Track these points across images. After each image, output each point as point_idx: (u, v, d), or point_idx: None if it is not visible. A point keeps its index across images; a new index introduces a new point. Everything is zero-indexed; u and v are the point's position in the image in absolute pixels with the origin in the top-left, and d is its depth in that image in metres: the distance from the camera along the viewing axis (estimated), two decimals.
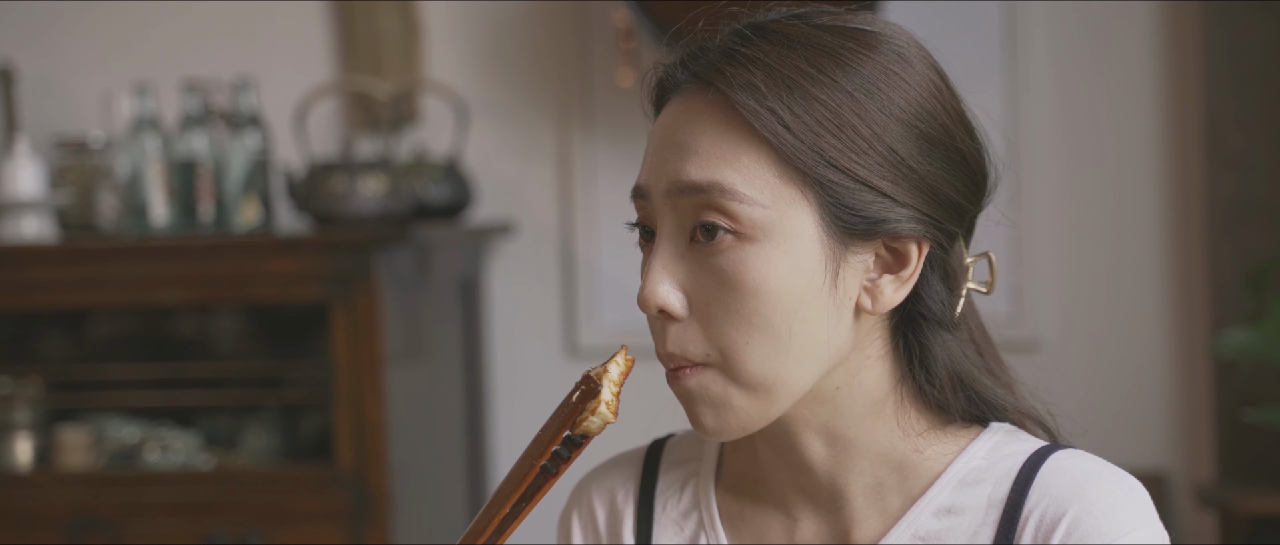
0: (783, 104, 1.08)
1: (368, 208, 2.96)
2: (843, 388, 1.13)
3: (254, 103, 3.06)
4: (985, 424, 1.18)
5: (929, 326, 1.14)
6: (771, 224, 1.08)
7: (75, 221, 3.12)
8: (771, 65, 1.09)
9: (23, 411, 2.98)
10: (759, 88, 1.08)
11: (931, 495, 1.14)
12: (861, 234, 1.09)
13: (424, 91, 3.36)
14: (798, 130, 1.08)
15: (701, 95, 1.11)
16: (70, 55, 3.44)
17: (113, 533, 2.88)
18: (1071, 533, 1.09)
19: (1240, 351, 2.82)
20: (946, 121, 1.12)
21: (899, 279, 1.11)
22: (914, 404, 1.15)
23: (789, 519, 1.19)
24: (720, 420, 1.11)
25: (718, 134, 1.09)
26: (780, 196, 1.08)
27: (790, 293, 1.08)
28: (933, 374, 1.15)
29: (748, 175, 1.08)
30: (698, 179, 1.08)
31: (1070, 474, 1.11)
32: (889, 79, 1.10)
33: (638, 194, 1.13)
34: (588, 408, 1.07)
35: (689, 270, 1.10)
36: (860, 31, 1.12)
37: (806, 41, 1.10)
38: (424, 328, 3.06)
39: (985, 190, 1.16)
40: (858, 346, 1.12)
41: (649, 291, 1.10)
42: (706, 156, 1.09)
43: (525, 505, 1.08)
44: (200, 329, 3.16)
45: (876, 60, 1.10)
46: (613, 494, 1.27)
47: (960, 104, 1.14)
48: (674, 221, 1.11)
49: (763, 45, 1.10)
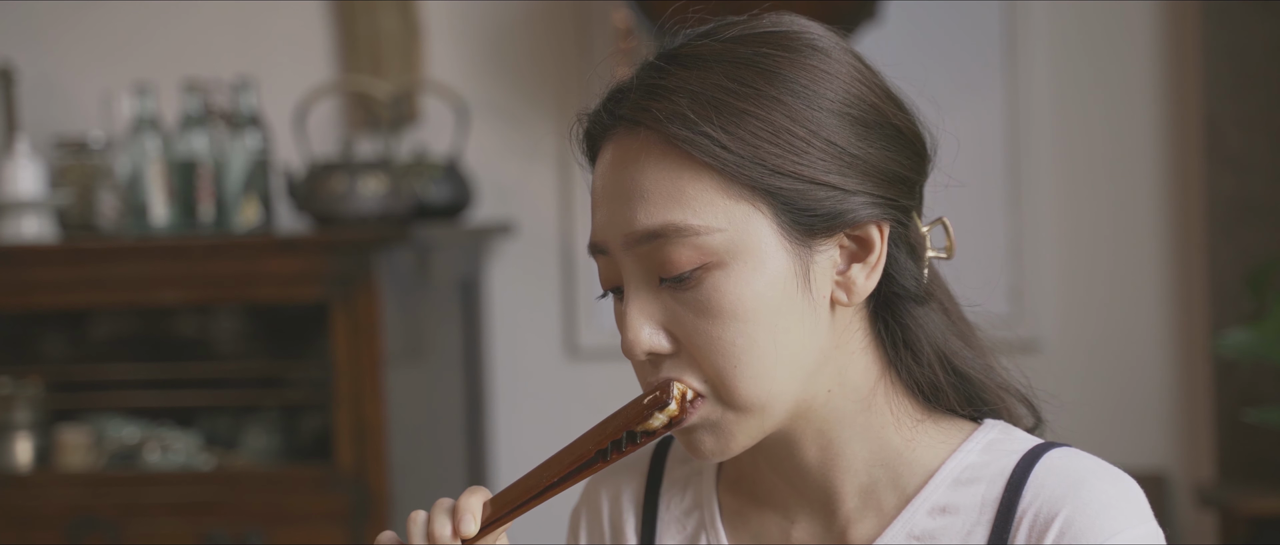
0: (714, 125, 1.08)
1: (368, 208, 2.96)
2: (834, 390, 1.13)
3: (254, 103, 3.06)
4: (978, 421, 1.18)
5: (904, 305, 1.15)
6: (733, 245, 1.08)
7: (75, 221, 3.12)
8: (695, 90, 1.09)
9: (23, 411, 2.98)
10: (688, 115, 1.08)
11: (926, 494, 1.14)
12: (822, 231, 1.09)
13: (424, 91, 3.36)
14: (735, 147, 1.07)
15: (632, 137, 1.11)
16: (70, 55, 3.44)
17: (113, 533, 2.88)
18: (1065, 532, 1.09)
19: (1240, 351, 2.81)
20: (876, 101, 1.12)
21: (868, 265, 1.12)
22: (903, 390, 1.16)
23: (786, 520, 1.19)
24: (721, 444, 1.12)
25: (658, 172, 1.09)
26: (735, 216, 1.08)
27: (767, 307, 1.08)
28: (918, 353, 1.15)
29: (697, 206, 1.08)
30: (650, 225, 1.09)
31: (1064, 473, 1.12)
32: (812, 75, 1.10)
33: (595, 250, 1.14)
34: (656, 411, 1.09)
35: (665, 308, 1.10)
36: (773, 35, 1.12)
37: (722, 57, 1.10)
38: (424, 328, 3.06)
39: (926, 158, 1.16)
40: (839, 343, 1.13)
41: (632, 338, 1.10)
42: (653, 199, 1.09)
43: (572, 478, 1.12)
44: (200, 329, 3.16)
45: (796, 60, 1.10)
46: (618, 492, 1.28)
47: (883, 81, 1.14)
48: (637, 268, 1.11)
49: (680, 73, 1.10)
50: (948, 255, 1.17)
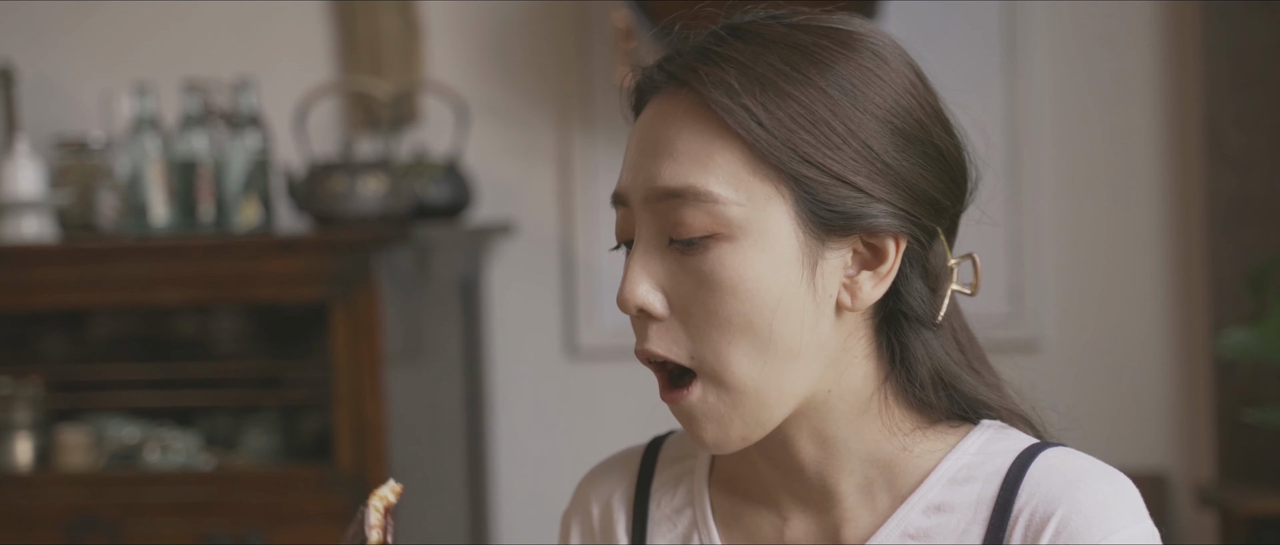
0: (756, 101, 1.08)
1: (368, 208, 2.96)
2: (833, 390, 1.13)
3: (254, 103, 3.06)
4: (975, 422, 1.17)
5: (910, 325, 1.14)
6: (748, 222, 1.08)
7: (75, 221, 3.12)
8: (745, 63, 1.09)
9: (23, 411, 2.98)
10: (733, 85, 1.09)
11: (921, 493, 1.14)
12: (838, 230, 1.10)
13: (424, 91, 3.36)
14: (771, 126, 1.08)
15: (676, 96, 1.12)
16: (70, 55, 3.44)
17: (113, 533, 2.88)
18: (1061, 531, 1.09)
19: (1240, 351, 2.81)
20: (923, 118, 1.12)
21: (877, 275, 1.12)
22: (898, 403, 1.16)
23: (779, 518, 1.19)
24: (723, 434, 1.12)
25: (692, 134, 1.10)
26: (755, 194, 1.09)
27: (768, 291, 1.09)
28: (914, 373, 1.15)
29: (722, 175, 1.09)
30: (672, 184, 1.10)
31: (1060, 472, 1.12)
32: (864, 76, 1.10)
33: (618, 200, 1.15)
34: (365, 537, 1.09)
35: (668, 271, 1.11)
36: (836, 31, 1.12)
37: (781, 40, 1.11)
38: (424, 328, 3.06)
39: (965, 188, 1.16)
40: (844, 346, 1.13)
41: (628, 291, 1.11)
42: (681, 159, 1.10)
43: None
44: (200, 329, 3.16)
45: (852, 58, 1.11)
46: (608, 493, 1.27)
47: (938, 102, 1.15)
48: (652, 225, 1.12)
49: (737, 44, 1.11)
50: (971, 292, 1.16)
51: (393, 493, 1.10)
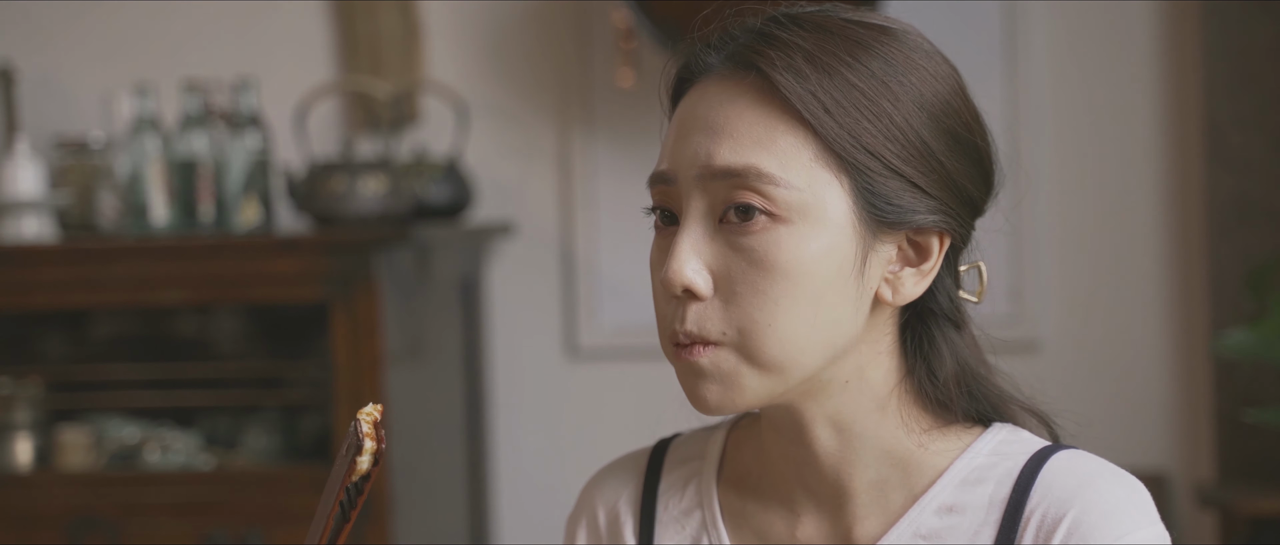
0: (823, 88, 1.09)
1: (368, 208, 2.96)
2: (852, 381, 1.13)
3: (254, 103, 3.06)
4: (988, 424, 1.18)
5: (938, 322, 1.15)
6: (806, 207, 1.09)
7: (75, 221, 3.12)
8: (811, 51, 1.10)
9: (23, 411, 2.98)
10: (802, 70, 1.09)
11: (933, 493, 1.14)
12: (890, 223, 1.10)
13: (424, 91, 3.36)
14: (837, 114, 1.09)
15: (736, 78, 1.11)
16: (70, 55, 3.44)
17: (113, 533, 2.88)
18: (1073, 533, 1.09)
19: (1240, 352, 2.82)
20: (968, 120, 1.14)
21: (920, 272, 1.12)
22: (916, 401, 1.16)
23: (791, 515, 1.19)
24: (726, 396, 1.11)
25: (755, 116, 1.10)
26: (816, 180, 1.09)
27: (820, 276, 1.09)
28: (935, 371, 1.15)
29: (784, 159, 1.09)
30: (733, 163, 1.09)
31: (1072, 474, 1.12)
32: (917, 72, 1.11)
33: (660, 180, 1.13)
34: (357, 456, 1.10)
35: (716, 251, 1.10)
36: (890, 29, 1.13)
37: (841, 32, 1.11)
38: (424, 328, 3.06)
39: (991, 191, 1.17)
40: (868, 339, 1.13)
41: (676, 270, 1.10)
42: (742, 139, 1.09)
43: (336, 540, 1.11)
44: (200, 329, 3.16)
45: (910, 57, 1.12)
46: (615, 495, 1.26)
47: (975, 106, 1.16)
48: (703, 203, 1.11)
49: (800, 31, 1.11)
50: (977, 299, 1.18)
51: (377, 411, 1.11)
